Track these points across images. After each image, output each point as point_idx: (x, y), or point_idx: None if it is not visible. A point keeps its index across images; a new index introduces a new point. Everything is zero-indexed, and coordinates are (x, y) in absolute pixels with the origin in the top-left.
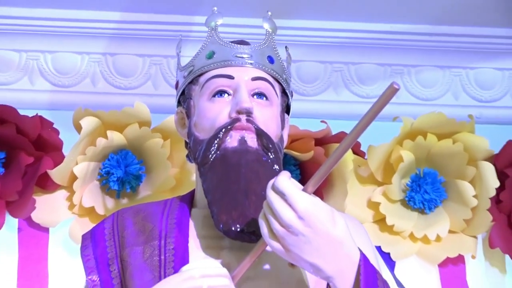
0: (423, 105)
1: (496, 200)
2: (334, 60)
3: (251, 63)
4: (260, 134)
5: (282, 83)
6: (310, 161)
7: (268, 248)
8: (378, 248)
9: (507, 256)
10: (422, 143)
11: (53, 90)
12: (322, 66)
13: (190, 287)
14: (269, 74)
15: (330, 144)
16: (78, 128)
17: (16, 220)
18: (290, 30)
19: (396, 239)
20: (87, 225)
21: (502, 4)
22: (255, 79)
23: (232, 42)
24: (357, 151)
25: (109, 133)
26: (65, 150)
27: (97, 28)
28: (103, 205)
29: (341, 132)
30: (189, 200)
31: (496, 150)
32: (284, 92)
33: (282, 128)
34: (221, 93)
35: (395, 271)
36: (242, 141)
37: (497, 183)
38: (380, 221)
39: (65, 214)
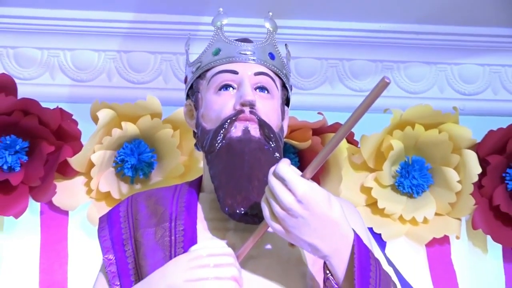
0: (411, 98)
1: (479, 185)
2: (330, 57)
3: (253, 59)
4: (262, 125)
5: (282, 78)
6: (308, 150)
7: (269, 229)
8: (370, 230)
9: (488, 237)
10: (410, 133)
11: (72, 84)
12: (319, 62)
13: (198, 265)
14: (270, 69)
15: (326, 134)
16: (95, 119)
17: (39, 204)
18: (289, 29)
19: (386, 221)
20: (104, 208)
21: (484, 4)
22: (257, 74)
23: (236, 40)
24: (351, 140)
25: (123, 124)
26: (83, 140)
27: (112, 27)
28: (118, 190)
29: (336, 123)
30: (197, 185)
31: (478, 139)
32: (284, 86)
33: (282, 119)
34: (226, 87)
35: (386, 251)
36: (246, 131)
37: (479, 170)
38: (372, 204)
39: (83, 199)
